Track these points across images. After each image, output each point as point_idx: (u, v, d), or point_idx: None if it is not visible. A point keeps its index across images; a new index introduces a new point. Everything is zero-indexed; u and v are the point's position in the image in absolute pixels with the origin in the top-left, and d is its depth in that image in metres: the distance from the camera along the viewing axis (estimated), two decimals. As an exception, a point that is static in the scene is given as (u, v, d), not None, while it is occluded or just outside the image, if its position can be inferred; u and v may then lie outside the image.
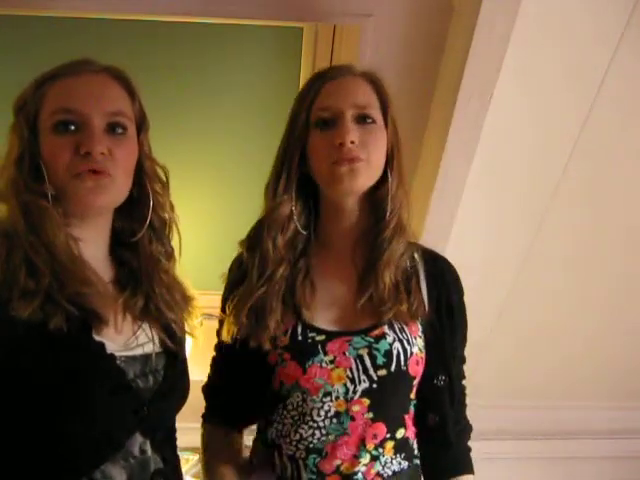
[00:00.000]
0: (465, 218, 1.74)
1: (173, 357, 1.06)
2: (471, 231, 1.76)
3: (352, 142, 1.06)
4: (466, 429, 1.21)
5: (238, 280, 1.15)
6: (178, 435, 1.16)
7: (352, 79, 1.12)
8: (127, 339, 1.01)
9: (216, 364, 1.24)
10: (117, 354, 0.96)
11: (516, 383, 2.18)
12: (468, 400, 1.22)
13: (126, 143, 1.00)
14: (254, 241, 1.14)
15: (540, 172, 1.73)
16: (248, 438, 1.23)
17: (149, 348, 1.02)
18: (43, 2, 1.48)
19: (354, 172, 1.07)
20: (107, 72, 1.01)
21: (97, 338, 0.94)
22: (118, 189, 0.99)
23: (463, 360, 1.22)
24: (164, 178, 1.08)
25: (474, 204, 1.73)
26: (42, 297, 0.89)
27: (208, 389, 1.25)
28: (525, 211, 1.82)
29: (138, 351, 1.00)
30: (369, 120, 1.09)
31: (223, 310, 1.18)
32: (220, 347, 1.21)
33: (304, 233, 1.15)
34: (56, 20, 1.70)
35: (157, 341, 1.04)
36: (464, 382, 1.21)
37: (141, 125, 1.06)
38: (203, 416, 1.25)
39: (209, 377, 1.25)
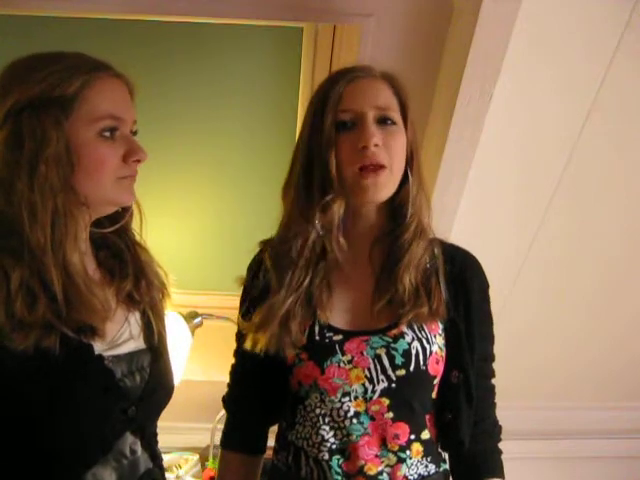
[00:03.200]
0: (464, 219, 1.74)
1: (157, 354, 1.06)
2: (471, 234, 1.76)
3: (376, 145, 1.04)
4: (494, 430, 1.17)
5: (260, 289, 1.13)
6: (178, 435, 1.16)
7: (372, 80, 1.10)
8: (115, 333, 1.00)
9: (236, 371, 1.23)
10: (104, 354, 0.96)
11: (527, 384, 2.19)
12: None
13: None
14: (281, 249, 1.11)
15: (540, 171, 1.74)
16: (271, 437, 1.23)
17: (133, 345, 1.02)
18: (42, 2, 1.48)
19: (379, 184, 1.05)
20: (124, 79, 1.01)
21: (84, 340, 0.94)
22: None
23: (491, 358, 1.19)
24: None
25: (474, 204, 1.73)
26: (41, 327, 0.86)
27: (229, 399, 1.24)
28: (524, 212, 1.82)
29: (123, 349, 1.00)
30: (390, 122, 1.08)
31: (244, 317, 1.15)
32: (239, 354, 1.20)
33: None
34: (55, 20, 1.70)
35: (140, 334, 1.04)
36: (493, 381, 1.18)
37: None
38: (222, 440, 1.24)
39: (229, 386, 1.25)
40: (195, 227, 2.10)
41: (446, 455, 1.16)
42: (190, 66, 1.89)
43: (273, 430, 1.21)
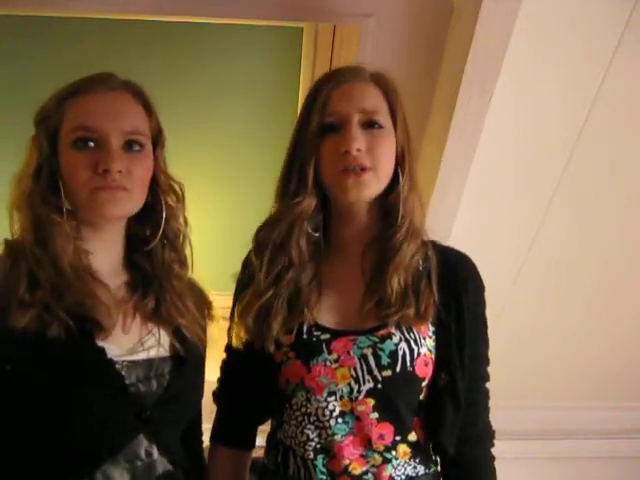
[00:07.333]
0: (465, 219, 1.74)
1: (180, 363, 1.06)
2: (471, 234, 1.76)
3: (358, 150, 1.05)
4: (487, 435, 1.15)
5: (246, 282, 1.15)
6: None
7: (360, 84, 1.09)
8: (134, 342, 1.02)
9: (226, 366, 1.24)
10: (119, 359, 0.98)
11: (527, 384, 2.19)
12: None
13: (142, 160, 1.03)
14: (262, 243, 1.13)
15: (540, 171, 1.74)
16: (262, 438, 1.23)
17: (154, 352, 1.04)
18: (42, 2, 1.48)
19: (361, 184, 1.05)
20: (126, 89, 1.03)
21: (100, 343, 0.96)
22: (132, 202, 1.02)
23: (486, 361, 1.16)
24: (179, 192, 1.14)
25: (474, 205, 1.73)
26: (39, 308, 0.93)
27: (219, 392, 1.24)
28: (524, 212, 1.83)
29: (142, 355, 1.02)
30: (376, 126, 1.07)
31: (232, 312, 1.17)
32: (229, 349, 1.20)
33: (315, 235, 1.13)
34: (55, 21, 1.70)
35: (166, 344, 1.06)
36: (487, 385, 1.16)
37: (157, 140, 1.09)
38: (211, 435, 1.23)
39: (219, 381, 1.25)
40: (195, 227, 2.10)
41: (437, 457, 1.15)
42: (190, 66, 1.89)
43: (264, 430, 1.21)
